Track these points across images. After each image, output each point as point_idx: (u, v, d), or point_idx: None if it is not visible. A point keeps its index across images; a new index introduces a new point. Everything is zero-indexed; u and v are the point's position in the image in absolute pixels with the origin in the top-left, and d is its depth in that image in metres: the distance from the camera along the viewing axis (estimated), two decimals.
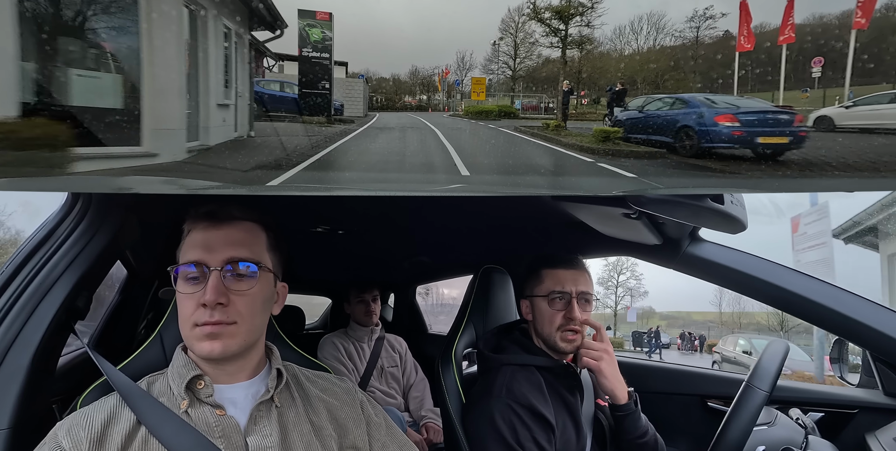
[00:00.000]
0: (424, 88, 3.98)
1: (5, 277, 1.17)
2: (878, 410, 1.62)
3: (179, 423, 0.85)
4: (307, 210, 1.64)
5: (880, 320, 1.32)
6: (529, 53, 5.32)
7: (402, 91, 4.06)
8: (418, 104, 4.06)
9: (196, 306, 0.87)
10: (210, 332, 0.86)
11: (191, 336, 0.88)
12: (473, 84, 4.99)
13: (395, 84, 3.88)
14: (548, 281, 1.38)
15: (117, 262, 1.74)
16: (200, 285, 0.88)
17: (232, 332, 0.88)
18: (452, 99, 4.35)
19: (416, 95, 4.01)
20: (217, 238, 0.90)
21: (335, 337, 2.50)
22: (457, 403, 1.37)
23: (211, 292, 0.86)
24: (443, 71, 4.23)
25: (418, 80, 4.02)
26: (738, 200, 1.15)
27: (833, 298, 1.36)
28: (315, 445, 0.91)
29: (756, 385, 1.33)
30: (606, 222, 1.47)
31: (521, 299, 1.44)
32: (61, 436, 0.82)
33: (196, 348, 0.89)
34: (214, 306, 0.86)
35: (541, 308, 1.37)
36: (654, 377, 2.01)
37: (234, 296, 0.88)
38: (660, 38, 5.42)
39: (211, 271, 0.88)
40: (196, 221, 0.93)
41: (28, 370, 1.06)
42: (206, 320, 0.86)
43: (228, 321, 0.87)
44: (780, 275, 1.41)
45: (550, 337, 1.35)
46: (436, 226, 1.95)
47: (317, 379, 1.04)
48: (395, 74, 3.91)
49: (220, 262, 0.89)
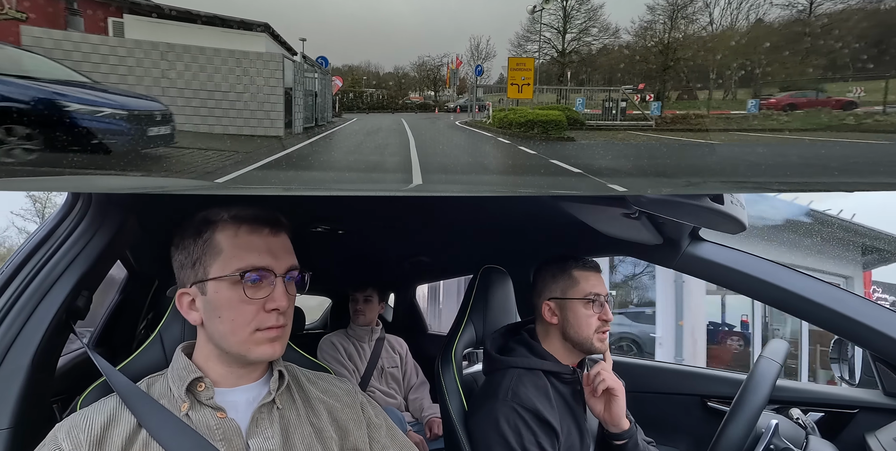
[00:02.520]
0: (430, 82, 3.08)
1: (5, 277, 1.17)
2: (878, 410, 1.62)
3: (180, 426, 0.85)
4: (307, 210, 1.64)
5: (880, 320, 1.32)
6: (587, 25, 2.91)
7: (408, 86, 3.06)
8: (423, 102, 3.14)
9: (258, 311, 0.89)
10: (275, 336, 0.90)
11: (249, 341, 0.89)
12: (512, 69, 2.61)
13: (397, 79, 2.97)
14: (584, 283, 1.37)
15: (117, 262, 1.74)
16: (264, 291, 0.89)
17: (286, 334, 0.93)
18: (465, 96, 3.07)
19: (422, 91, 3.12)
20: (279, 245, 0.94)
21: (334, 337, 2.50)
22: (457, 403, 1.37)
23: (283, 298, 0.90)
24: (453, 61, 2.94)
25: (424, 72, 3.02)
26: (738, 201, 1.15)
27: (833, 298, 1.36)
28: (316, 447, 0.91)
29: (770, 357, 1.31)
30: (607, 222, 1.47)
31: (546, 300, 1.39)
32: (61, 438, 0.82)
33: (255, 353, 0.90)
34: (284, 311, 0.90)
35: (576, 311, 1.35)
36: (654, 377, 2.01)
37: (290, 300, 0.93)
38: None
39: (277, 277, 0.91)
40: (251, 226, 0.92)
41: (28, 370, 1.06)
42: (273, 324, 0.89)
43: (287, 324, 0.92)
44: (780, 275, 1.41)
45: (588, 340, 1.34)
46: (436, 226, 1.95)
47: (317, 380, 1.04)
48: (400, 67, 2.98)
49: (285, 269, 0.92)
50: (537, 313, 1.43)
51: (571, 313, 1.35)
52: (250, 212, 0.93)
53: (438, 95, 3.14)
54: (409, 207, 1.64)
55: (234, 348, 0.90)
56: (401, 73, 3.10)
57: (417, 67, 3.06)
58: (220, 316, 0.89)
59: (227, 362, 0.93)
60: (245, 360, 0.91)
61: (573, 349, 1.37)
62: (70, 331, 1.21)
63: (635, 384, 1.39)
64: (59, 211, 1.28)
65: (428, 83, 3.09)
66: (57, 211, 1.29)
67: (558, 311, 1.37)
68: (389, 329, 2.76)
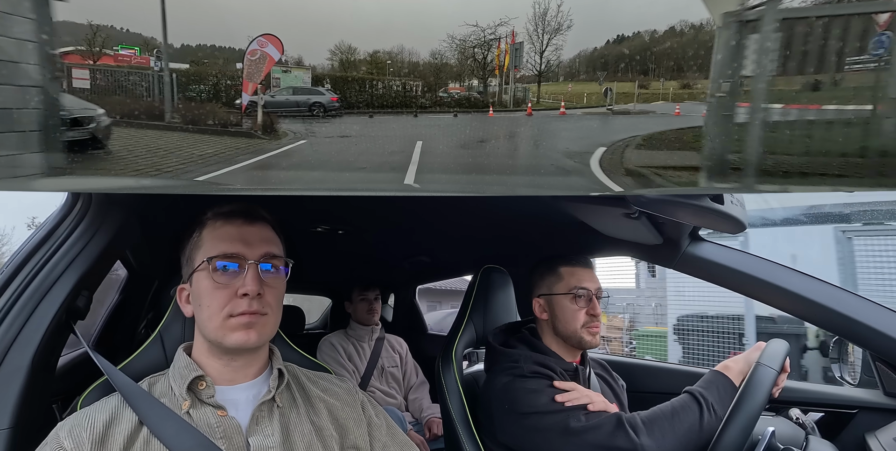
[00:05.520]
0: (479, 67, 1.91)
1: (5, 277, 1.17)
2: (878, 410, 1.62)
3: (181, 424, 0.85)
4: (307, 210, 1.64)
5: (880, 320, 1.32)
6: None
7: (447, 75, 1.90)
8: (466, 96, 1.97)
9: (231, 297, 0.90)
10: (248, 321, 0.89)
11: (223, 327, 0.90)
12: None
13: (434, 68, 1.86)
14: (568, 279, 1.39)
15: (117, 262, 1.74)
16: (236, 278, 0.90)
17: (264, 322, 0.91)
18: (520, 87, 1.91)
19: (464, 80, 1.95)
20: (252, 234, 0.95)
21: (334, 338, 2.50)
22: (457, 402, 1.37)
23: (252, 283, 0.89)
24: (508, 36, 1.81)
25: (466, 55, 1.86)
26: (738, 201, 1.15)
27: (833, 298, 1.36)
28: (316, 445, 0.92)
29: (768, 364, 1.31)
30: (607, 222, 1.47)
31: (535, 297, 1.43)
32: (63, 436, 0.82)
33: (229, 339, 0.90)
34: (255, 295, 0.89)
35: (562, 306, 1.38)
36: (654, 377, 2.01)
37: (267, 288, 0.92)
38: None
39: (249, 263, 0.91)
40: (226, 218, 0.96)
41: (28, 370, 1.06)
42: (245, 309, 0.89)
43: (263, 312, 0.91)
44: (780, 275, 1.41)
45: (576, 334, 1.36)
46: (436, 226, 1.95)
47: (318, 379, 1.04)
48: (437, 51, 1.80)
49: (258, 256, 0.92)
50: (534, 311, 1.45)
51: (558, 308, 1.38)
52: (229, 207, 0.97)
53: (487, 84, 1.87)
54: (409, 207, 1.64)
55: (212, 335, 0.91)
56: (439, 59, 1.86)
57: (458, 49, 1.83)
58: (200, 304, 0.92)
59: (218, 354, 0.94)
60: (224, 348, 0.92)
61: (565, 344, 1.39)
62: (70, 331, 1.21)
63: (635, 384, 1.39)
64: (59, 211, 1.28)
65: (475, 68, 1.86)
66: (57, 211, 1.29)
67: (547, 307, 1.41)
68: (389, 329, 2.76)
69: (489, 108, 1.79)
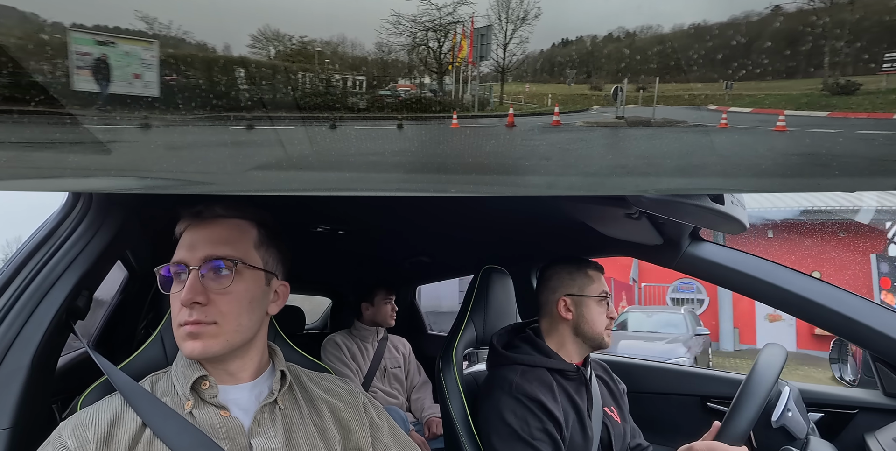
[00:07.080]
0: (434, 58, 1.04)
1: (5, 277, 1.17)
2: (877, 410, 1.62)
3: (184, 424, 0.85)
4: (307, 210, 1.64)
5: (880, 320, 1.32)
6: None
7: (393, 71, 1.03)
8: (418, 95, 1.07)
9: (180, 306, 0.87)
10: (190, 331, 0.86)
11: (178, 336, 0.89)
12: None
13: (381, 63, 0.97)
14: (598, 283, 1.44)
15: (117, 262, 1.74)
16: (182, 286, 0.88)
17: (213, 332, 0.87)
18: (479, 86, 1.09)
19: (415, 78, 1.07)
20: (200, 237, 0.91)
21: (339, 337, 2.50)
22: (457, 403, 1.37)
23: (187, 292, 0.85)
24: (466, 23, 0.98)
25: (417, 41, 0.97)
26: (738, 201, 1.15)
27: (833, 298, 1.36)
28: (319, 446, 0.91)
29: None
30: (607, 223, 1.47)
31: (563, 296, 1.43)
32: (66, 436, 0.82)
33: (181, 348, 0.89)
34: (191, 305, 0.86)
35: (591, 308, 1.41)
36: (654, 377, 2.01)
37: (215, 295, 0.87)
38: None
39: (190, 270, 0.87)
40: (184, 221, 0.94)
41: (28, 370, 1.05)
42: (186, 319, 0.86)
43: (207, 321, 0.86)
44: (780, 275, 1.41)
45: (599, 335, 1.41)
46: (436, 226, 1.95)
47: (319, 380, 1.04)
48: (385, 41, 0.92)
49: (199, 260, 0.88)
50: (547, 310, 1.45)
51: (587, 310, 1.41)
52: (193, 208, 0.94)
53: (441, 82, 1.21)
54: (410, 207, 1.64)
55: (177, 343, 0.90)
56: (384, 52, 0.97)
57: (404, 28, 0.97)
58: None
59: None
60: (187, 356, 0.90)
61: (583, 345, 1.42)
62: (70, 331, 1.21)
63: (635, 384, 1.40)
64: (60, 211, 1.28)
65: (426, 60, 1.13)
66: (57, 211, 1.29)
67: (573, 307, 1.42)
68: (390, 329, 2.76)
69: (452, 114, 1.13)
